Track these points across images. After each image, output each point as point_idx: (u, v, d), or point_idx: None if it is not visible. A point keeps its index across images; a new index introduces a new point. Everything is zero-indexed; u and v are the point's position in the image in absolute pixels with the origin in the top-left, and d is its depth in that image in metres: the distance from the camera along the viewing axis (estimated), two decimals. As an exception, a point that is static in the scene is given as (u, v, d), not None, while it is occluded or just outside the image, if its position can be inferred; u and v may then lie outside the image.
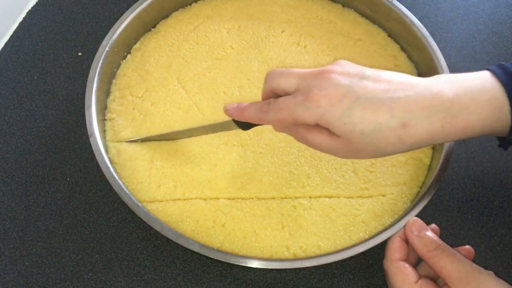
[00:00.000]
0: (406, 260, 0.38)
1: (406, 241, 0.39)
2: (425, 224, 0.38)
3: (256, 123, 0.40)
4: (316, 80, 0.35)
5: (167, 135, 0.50)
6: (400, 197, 0.47)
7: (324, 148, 0.36)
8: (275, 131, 0.49)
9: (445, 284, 0.35)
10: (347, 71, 0.36)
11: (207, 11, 0.60)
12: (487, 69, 0.36)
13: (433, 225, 0.39)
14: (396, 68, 0.55)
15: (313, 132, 0.36)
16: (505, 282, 0.33)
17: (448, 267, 0.34)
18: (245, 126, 0.42)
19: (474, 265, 0.34)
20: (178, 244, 0.41)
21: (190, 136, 0.49)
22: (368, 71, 0.36)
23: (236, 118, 0.41)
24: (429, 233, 0.37)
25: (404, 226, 0.39)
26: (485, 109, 0.34)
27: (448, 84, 0.35)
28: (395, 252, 0.38)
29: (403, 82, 0.35)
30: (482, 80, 0.35)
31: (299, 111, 0.35)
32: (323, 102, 0.34)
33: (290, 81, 0.37)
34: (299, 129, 0.37)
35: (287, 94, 0.37)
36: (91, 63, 0.51)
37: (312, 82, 0.35)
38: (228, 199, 0.46)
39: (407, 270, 0.36)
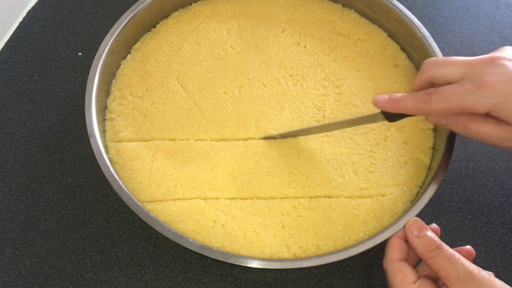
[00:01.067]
0: (406, 260, 0.38)
1: (406, 241, 0.39)
2: (425, 224, 0.38)
3: (414, 114, 0.39)
4: (487, 68, 0.34)
5: (300, 132, 0.49)
6: (400, 197, 0.47)
7: (490, 137, 0.36)
8: (276, 131, 0.50)
9: (444, 284, 0.35)
10: None
11: (207, 11, 0.60)
12: None
13: (434, 225, 0.39)
14: (396, 68, 0.55)
15: (477, 121, 0.36)
16: (505, 283, 0.33)
17: (447, 268, 0.34)
18: (395, 117, 0.41)
19: (473, 266, 0.34)
20: (178, 244, 0.41)
21: (327, 131, 0.49)
22: None
23: (389, 110, 0.40)
24: (429, 233, 0.37)
25: (404, 226, 0.39)
26: None
27: None
28: (394, 252, 0.38)
29: None
30: None
31: (470, 99, 0.34)
32: (498, 89, 0.33)
33: (455, 69, 0.36)
34: (460, 119, 0.37)
35: (448, 83, 0.37)
36: (91, 63, 0.51)
37: (483, 70, 0.34)
38: (228, 199, 0.46)
39: (406, 270, 0.36)
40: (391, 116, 0.41)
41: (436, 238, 0.36)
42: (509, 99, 0.33)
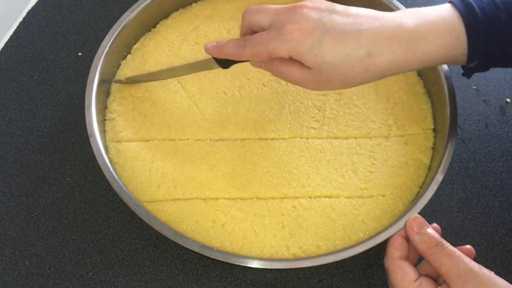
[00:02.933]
0: (406, 258, 0.38)
1: (407, 239, 0.39)
2: (425, 221, 0.38)
3: (235, 59, 0.42)
4: (289, 15, 0.37)
5: (152, 75, 0.52)
6: (400, 197, 0.47)
7: (296, 79, 0.39)
8: (276, 131, 0.50)
9: (444, 282, 0.35)
10: (318, 6, 0.38)
11: (207, 11, 0.60)
12: (449, 1, 0.38)
13: (435, 225, 0.39)
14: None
15: (286, 64, 0.38)
16: (505, 281, 0.33)
17: (447, 265, 0.34)
18: (225, 64, 0.44)
19: (474, 263, 0.34)
20: (178, 244, 0.41)
21: (174, 75, 0.52)
22: (338, 7, 0.38)
23: (215, 56, 0.42)
24: (430, 230, 0.37)
25: (405, 224, 0.39)
26: (444, 38, 0.36)
27: (411, 16, 0.37)
28: (395, 250, 0.38)
29: (370, 16, 0.37)
30: (442, 11, 0.37)
31: (273, 44, 0.37)
32: (295, 35, 0.36)
33: (265, 17, 0.39)
34: (274, 63, 0.39)
35: (263, 30, 0.39)
36: (91, 63, 0.51)
37: (285, 17, 0.37)
38: (228, 199, 0.46)
39: (407, 268, 0.36)
40: (222, 62, 0.44)
41: (437, 235, 0.36)
42: (303, 43, 0.36)
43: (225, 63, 0.44)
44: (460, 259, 0.34)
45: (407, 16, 0.37)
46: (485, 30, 0.36)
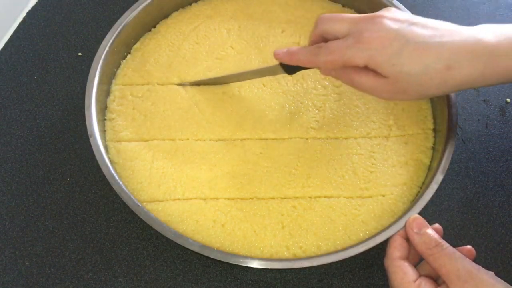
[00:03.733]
0: (406, 258, 0.38)
1: (407, 239, 0.39)
2: (425, 222, 0.38)
3: (306, 66, 0.42)
4: (368, 24, 0.38)
5: (217, 79, 0.53)
6: (400, 197, 0.47)
7: (368, 88, 0.39)
8: (276, 131, 0.50)
9: (443, 282, 0.35)
10: (397, 17, 0.38)
11: (207, 11, 0.60)
12: None
13: (436, 225, 0.39)
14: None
15: (360, 73, 0.39)
16: (505, 282, 0.33)
17: (447, 265, 0.34)
18: (292, 70, 0.45)
19: (474, 264, 0.34)
20: (178, 244, 0.41)
21: (239, 80, 0.52)
22: (417, 18, 0.38)
23: (286, 62, 0.43)
24: (430, 231, 0.37)
25: (405, 224, 0.39)
26: None
27: (491, 32, 0.37)
28: (395, 251, 0.38)
29: (449, 29, 0.38)
30: None
31: (351, 52, 0.38)
32: (374, 44, 0.37)
33: (342, 25, 0.39)
34: (347, 71, 0.40)
35: (336, 38, 0.40)
36: (91, 63, 0.51)
37: (364, 26, 0.38)
38: (228, 199, 0.46)
39: (407, 268, 0.36)
40: (289, 68, 0.44)
41: (437, 236, 0.37)
42: (382, 53, 0.36)
43: (291, 69, 0.44)
44: (459, 260, 0.34)
45: (485, 32, 0.37)
46: None
